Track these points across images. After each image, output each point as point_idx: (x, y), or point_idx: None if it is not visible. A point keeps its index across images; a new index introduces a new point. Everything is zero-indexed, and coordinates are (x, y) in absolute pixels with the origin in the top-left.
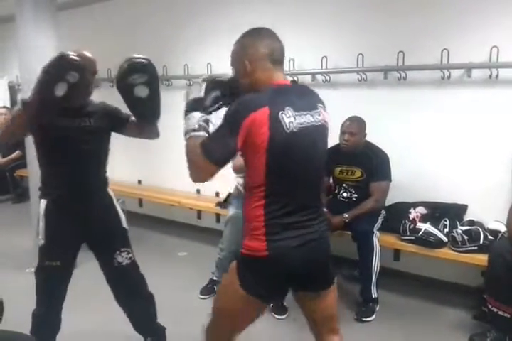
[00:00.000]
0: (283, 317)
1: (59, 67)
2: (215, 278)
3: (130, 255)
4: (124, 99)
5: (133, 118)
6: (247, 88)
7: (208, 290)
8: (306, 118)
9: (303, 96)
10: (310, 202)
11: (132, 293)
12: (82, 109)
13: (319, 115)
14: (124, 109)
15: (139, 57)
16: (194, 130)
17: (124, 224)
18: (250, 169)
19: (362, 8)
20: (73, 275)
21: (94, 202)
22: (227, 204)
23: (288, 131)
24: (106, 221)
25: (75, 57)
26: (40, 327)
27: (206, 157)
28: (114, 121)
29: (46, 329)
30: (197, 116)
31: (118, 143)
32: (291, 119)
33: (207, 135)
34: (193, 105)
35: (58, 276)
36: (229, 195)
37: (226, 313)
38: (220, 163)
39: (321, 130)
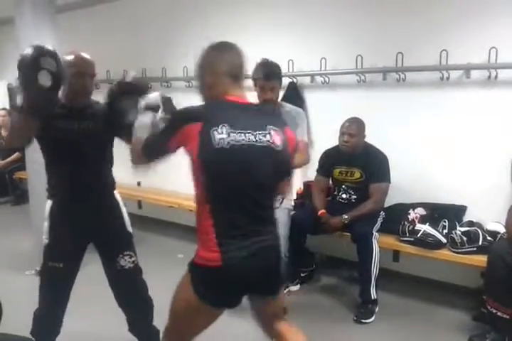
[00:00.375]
0: None
1: (31, 57)
2: None
3: (133, 259)
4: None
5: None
6: (206, 99)
7: None
8: (245, 137)
9: (251, 116)
10: (256, 213)
11: (133, 297)
12: (83, 111)
13: (265, 136)
14: None
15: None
16: (145, 127)
17: (129, 227)
18: (193, 180)
19: (360, 9)
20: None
21: (97, 203)
22: None
23: (217, 147)
24: (109, 223)
25: (46, 46)
26: (41, 328)
27: (143, 153)
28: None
29: (46, 331)
30: (150, 116)
31: (117, 143)
32: (223, 136)
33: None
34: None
35: (61, 278)
36: None
37: (180, 317)
38: (150, 157)
39: (266, 151)
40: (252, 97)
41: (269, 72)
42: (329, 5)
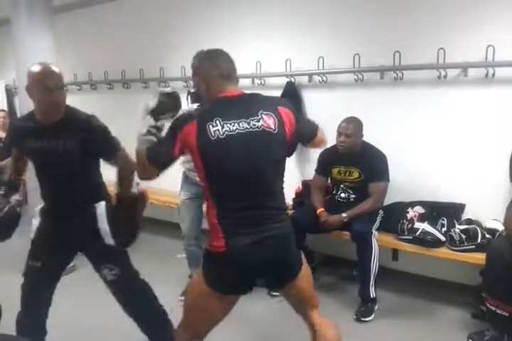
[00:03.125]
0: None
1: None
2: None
3: (114, 271)
4: None
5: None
6: (206, 100)
7: None
8: (239, 126)
9: (243, 106)
10: (261, 202)
11: (127, 305)
12: (54, 129)
13: (258, 121)
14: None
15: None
16: (143, 134)
17: (108, 239)
18: (198, 177)
19: (358, 8)
20: (72, 278)
21: (72, 217)
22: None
23: (213, 138)
24: (86, 236)
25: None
26: (22, 329)
27: (147, 160)
28: (95, 152)
29: (29, 332)
30: (148, 121)
31: None
32: (217, 128)
33: (154, 139)
34: (148, 110)
35: (38, 278)
36: None
37: (195, 311)
38: (159, 167)
39: (262, 135)
40: None
41: None
42: (326, 4)
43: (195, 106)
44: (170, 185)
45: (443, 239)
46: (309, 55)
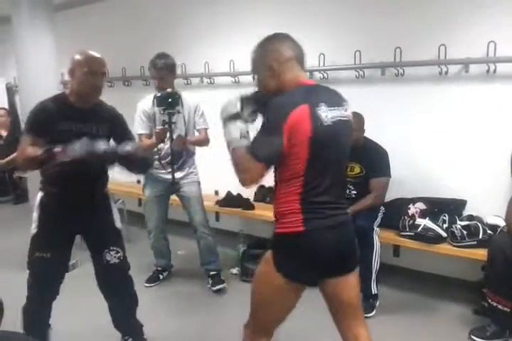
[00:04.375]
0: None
1: None
2: (159, 268)
3: (119, 254)
4: None
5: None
6: (274, 90)
7: (153, 279)
8: (336, 113)
9: (331, 95)
10: (340, 187)
11: (116, 292)
12: (88, 113)
13: (345, 111)
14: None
15: None
16: (240, 138)
17: (118, 223)
18: (290, 162)
19: (358, 4)
20: (74, 275)
21: (89, 198)
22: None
23: (325, 124)
24: (98, 218)
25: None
26: (31, 321)
27: (253, 157)
28: (116, 139)
29: (37, 324)
30: (239, 126)
31: None
32: (326, 113)
33: (248, 142)
34: (233, 116)
35: (49, 268)
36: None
37: (266, 302)
38: (268, 162)
39: (348, 124)
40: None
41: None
42: (327, 1)
43: (160, 110)
44: None
45: (444, 235)
46: (310, 52)
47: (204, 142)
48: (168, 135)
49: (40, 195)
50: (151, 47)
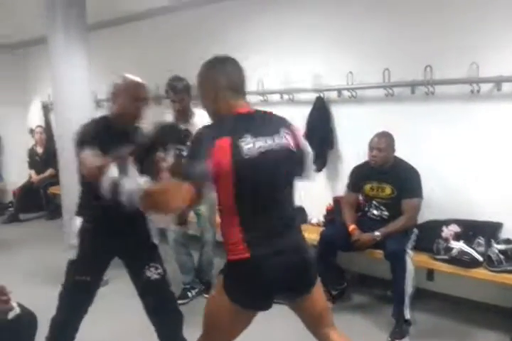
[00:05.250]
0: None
1: None
2: (187, 286)
3: (159, 270)
4: None
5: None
6: (212, 115)
7: (182, 296)
8: (266, 143)
9: (264, 123)
10: (283, 214)
11: (161, 308)
12: (128, 135)
13: (281, 139)
14: None
15: None
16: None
17: (155, 239)
18: (221, 192)
19: (387, 22)
20: (105, 291)
21: (128, 217)
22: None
23: (247, 157)
24: (137, 237)
25: None
26: (58, 335)
27: (186, 178)
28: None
29: (62, 338)
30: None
31: None
32: (250, 145)
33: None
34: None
35: (87, 291)
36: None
37: (216, 325)
38: (197, 179)
39: (285, 153)
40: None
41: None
42: (355, 19)
43: None
44: None
45: (480, 259)
46: (338, 71)
47: None
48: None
49: (79, 220)
50: (182, 66)
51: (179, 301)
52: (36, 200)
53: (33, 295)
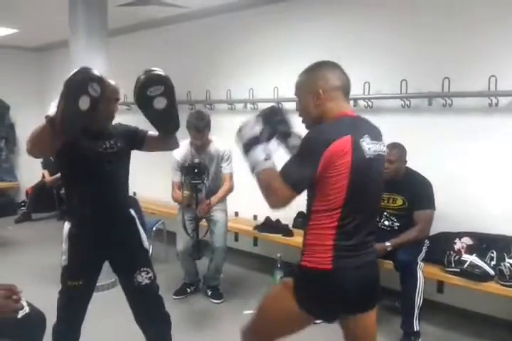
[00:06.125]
0: (219, 301)
1: (80, 80)
2: (186, 282)
3: (150, 275)
4: (143, 112)
5: (150, 132)
6: (314, 117)
7: (181, 292)
8: (377, 147)
9: (372, 128)
10: (373, 223)
11: (149, 313)
12: (104, 132)
13: (383, 146)
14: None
15: (154, 70)
16: (265, 159)
17: (145, 244)
18: (327, 192)
19: (406, 33)
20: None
21: (117, 222)
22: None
23: (367, 157)
24: (127, 241)
25: (95, 71)
26: None
27: (284, 180)
28: (133, 140)
29: None
30: (260, 148)
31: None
32: (369, 146)
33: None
34: (251, 140)
35: (80, 295)
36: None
37: (274, 323)
38: (297, 188)
39: (384, 160)
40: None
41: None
42: (373, 29)
43: None
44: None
45: (492, 272)
46: (355, 80)
47: (227, 193)
48: (194, 202)
49: (66, 226)
50: (197, 73)
51: (176, 297)
52: (49, 200)
53: (42, 294)
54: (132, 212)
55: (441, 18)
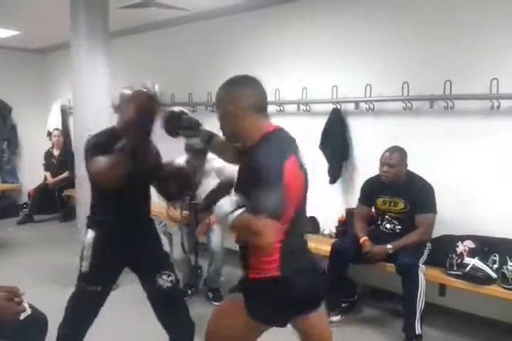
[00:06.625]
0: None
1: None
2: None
3: (171, 278)
4: None
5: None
6: (232, 134)
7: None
8: (302, 160)
9: (292, 139)
10: (303, 231)
11: (174, 316)
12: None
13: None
14: None
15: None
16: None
17: (166, 247)
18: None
19: (407, 35)
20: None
21: (142, 229)
22: None
23: (306, 173)
24: (149, 246)
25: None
26: None
27: (273, 214)
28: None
29: None
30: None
31: None
32: (302, 161)
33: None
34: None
35: (97, 300)
36: None
37: (226, 338)
38: (279, 214)
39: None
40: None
41: None
42: (375, 31)
43: None
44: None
45: (494, 276)
46: (356, 82)
47: None
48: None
49: (90, 233)
50: (199, 75)
51: None
52: (51, 202)
53: (44, 296)
54: (152, 216)
55: (443, 21)
